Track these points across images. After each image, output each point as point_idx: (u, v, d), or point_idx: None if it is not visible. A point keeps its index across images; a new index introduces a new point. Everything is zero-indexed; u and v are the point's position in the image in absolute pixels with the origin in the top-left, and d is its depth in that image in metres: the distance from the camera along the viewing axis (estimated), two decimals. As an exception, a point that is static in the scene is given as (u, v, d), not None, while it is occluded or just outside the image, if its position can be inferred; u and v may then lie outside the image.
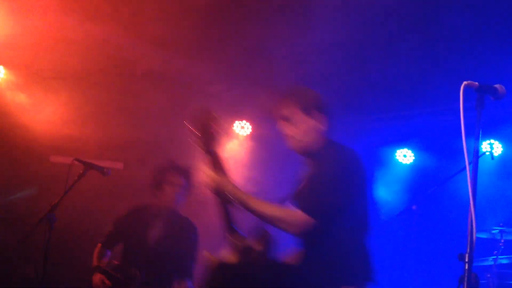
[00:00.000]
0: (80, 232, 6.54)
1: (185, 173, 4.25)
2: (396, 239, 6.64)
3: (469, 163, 2.40)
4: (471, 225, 2.35)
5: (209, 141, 2.95)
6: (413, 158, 7.53)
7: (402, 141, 7.51)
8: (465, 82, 2.45)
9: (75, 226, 6.40)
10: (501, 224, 5.56)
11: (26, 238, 3.48)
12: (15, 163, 6.48)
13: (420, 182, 7.08)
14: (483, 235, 5.59)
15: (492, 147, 6.77)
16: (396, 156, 7.58)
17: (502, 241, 5.49)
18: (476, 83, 2.46)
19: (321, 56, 5.79)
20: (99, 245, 4.31)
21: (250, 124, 7.60)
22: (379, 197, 7.03)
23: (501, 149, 6.87)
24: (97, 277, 4.02)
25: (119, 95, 6.56)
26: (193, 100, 6.86)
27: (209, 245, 3.96)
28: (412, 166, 7.51)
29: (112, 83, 6.30)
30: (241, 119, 7.57)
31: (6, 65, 5.89)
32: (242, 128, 7.58)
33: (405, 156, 7.56)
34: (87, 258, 6.78)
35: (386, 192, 7.18)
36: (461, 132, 2.40)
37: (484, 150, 6.22)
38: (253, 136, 7.62)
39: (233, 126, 7.53)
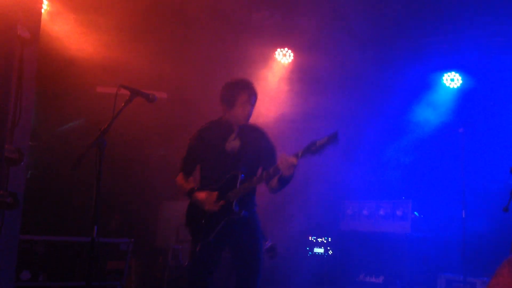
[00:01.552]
0: (131, 161, 6.77)
1: (254, 91, 4.14)
2: (444, 160, 6.65)
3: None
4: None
5: None
6: (461, 82, 7.33)
7: (449, 65, 7.31)
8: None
9: (126, 155, 6.61)
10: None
11: (78, 163, 3.57)
12: (63, 95, 6.64)
13: (468, 105, 6.95)
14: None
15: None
16: (443, 80, 7.40)
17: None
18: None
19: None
20: (180, 174, 4.22)
21: (292, 52, 7.51)
22: (427, 121, 7.04)
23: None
24: (202, 194, 3.99)
25: (160, 24, 6.55)
26: (235, 30, 6.80)
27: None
28: (460, 90, 7.33)
29: (153, 12, 6.26)
30: (283, 46, 7.48)
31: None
32: (284, 56, 7.51)
33: (452, 80, 7.36)
34: (136, 182, 7.08)
35: (434, 116, 7.10)
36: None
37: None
38: (295, 64, 7.54)
39: (274, 54, 7.47)
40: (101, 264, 5.11)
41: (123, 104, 3.99)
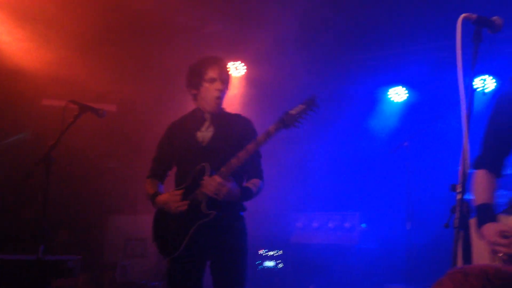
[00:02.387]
0: (77, 174, 6.62)
1: (226, 67, 3.61)
2: (390, 174, 6.82)
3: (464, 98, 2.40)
4: (464, 157, 2.38)
5: None
6: (407, 95, 7.53)
7: (395, 80, 7.51)
8: (463, 15, 2.42)
9: (73, 169, 6.46)
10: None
11: (25, 180, 3.49)
12: (6, 108, 6.45)
13: (412, 120, 7.16)
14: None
15: (484, 83, 6.79)
16: (388, 94, 7.59)
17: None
18: (474, 15, 2.43)
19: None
20: (148, 180, 3.67)
21: (244, 65, 7.53)
22: (373, 135, 7.22)
23: (495, 84, 6.75)
24: (164, 196, 3.47)
25: (111, 36, 6.46)
26: (186, 43, 6.78)
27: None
28: (405, 103, 7.54)
29: (102, 24, 6.18)
30: (235, 60, 7.50)
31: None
32: (236, 69, 7.52)
33: (398, 94, 7.56)
34: (84, 197, 6.93)
35: (380, 130, 7.28)
36: (453, 68, 2.39)
37: (475, 86, 6.26)
38: (247, 77, 7.57)
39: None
40: (47, 282, 4.96)
41: (72, 120, 3.94)
